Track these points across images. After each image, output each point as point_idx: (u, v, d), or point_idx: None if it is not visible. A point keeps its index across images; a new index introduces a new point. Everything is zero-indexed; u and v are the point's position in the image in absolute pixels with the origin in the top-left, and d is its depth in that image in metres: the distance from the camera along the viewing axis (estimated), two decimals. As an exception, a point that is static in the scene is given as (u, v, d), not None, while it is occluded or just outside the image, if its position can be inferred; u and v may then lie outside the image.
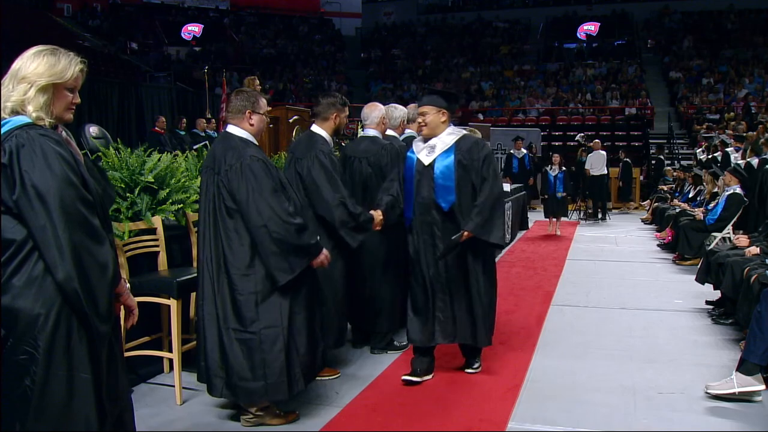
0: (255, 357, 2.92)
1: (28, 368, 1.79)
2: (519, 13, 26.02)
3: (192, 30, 25.03)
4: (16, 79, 1.91)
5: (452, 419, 3.20)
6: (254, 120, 3.07)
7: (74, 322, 1.85)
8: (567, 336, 4.65)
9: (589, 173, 12.11)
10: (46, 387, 1.80)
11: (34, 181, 1.79)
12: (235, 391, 2.97)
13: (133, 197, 3.86)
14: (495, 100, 20.89)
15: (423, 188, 3.63)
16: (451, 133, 3.70)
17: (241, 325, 2.92)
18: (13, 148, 1.81)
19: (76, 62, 1.98)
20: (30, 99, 1.90)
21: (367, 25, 27.83)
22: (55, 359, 1.81)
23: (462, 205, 3.60)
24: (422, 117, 3.66)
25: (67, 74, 1.96)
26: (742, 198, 7.04)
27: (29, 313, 1.80)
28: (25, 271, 1.81)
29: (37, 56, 1.94)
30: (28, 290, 1.80)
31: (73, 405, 1.84)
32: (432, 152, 3.65)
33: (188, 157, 4.87)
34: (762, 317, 3.41)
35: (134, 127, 14.43)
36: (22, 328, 1.79)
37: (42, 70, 1.92)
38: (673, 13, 23.61)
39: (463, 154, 3.61)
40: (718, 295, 5.12)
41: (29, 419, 1.79)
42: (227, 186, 2.91)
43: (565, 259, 7.92)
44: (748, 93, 18.16)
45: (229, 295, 2.93)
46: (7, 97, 1.90)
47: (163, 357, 3.73)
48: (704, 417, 3.27)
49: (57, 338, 1.82)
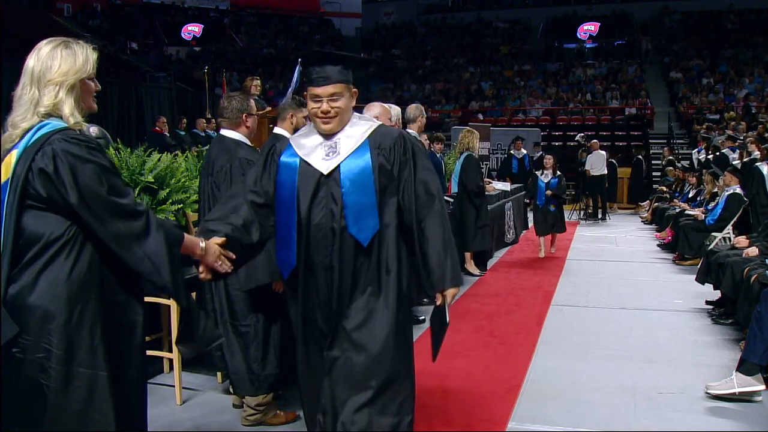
0: (249, 349, 3.01)
1: (45, 367, 1.77)
2: (519, 13, 25.99)
3: (192, 30, 25.01)
4: (41, 83, 1.87)
5: (452, 419, 3.20)
6: (250, 122, 3.21)
7: (96, 319, 1.83)
8: (567, 336, 4.65)
9: (589, 173, 12.11)
10: (66, 386, 1.79)
11: (82, 183, 1.78)
12: (231, 382, 3.09)
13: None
14: (495, 100, 20.87)
15: (318, 210, 2.24)
16: (358, 123, 2.35)
17: (235, 319, 3.03)
18: (57, 152, 1.78)
19: (90, 50, 1.96)
20: (63, 101, 1.87)
21: (367, 25, 27.82)
22: (73, 357, 1.79)
23: (386, 236, 2.25)
24: (330, 102, 2.24)
25: (88, 66, 1.94)
26: (742, 198, 7.04)
27: (48, 310, 1.78)
28: (50, 269, 1.79)
29: (54, 53, 1.89)
30: (49, 288, 1.79)
31: (93, 404, 1.82)
32: (334, 153, 2.28)
33: (188, 157, 4.87)
34: (762, 317, 3.41)
35: (134, 127, 14.40)
36: (40, 326, 1.77)
37: (66, 69, 1.88)
38: (673, 13, 23.59)
39: (384, 153, 2.29)
40: (718, 295, 5.12)
41: (47, 419, 1.77)
42: (218, 187, 3.02)
43: (565, 259, 7.92)
44: (748, 93, 18.16)
45: (224, 291, 3.04)
46: (37, 101, 1.85)
47: (163, 357, 3.73)
48: (704, 417, 3.27)
49: (76, 336, 1.80)
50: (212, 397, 3.46)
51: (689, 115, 18.24)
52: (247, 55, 24.72)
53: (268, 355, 3.02)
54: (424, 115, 5.67)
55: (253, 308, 3.00)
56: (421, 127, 5.65)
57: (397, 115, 4.82)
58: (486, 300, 5.75)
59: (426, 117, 5.76)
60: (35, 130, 1.84)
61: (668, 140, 17.56)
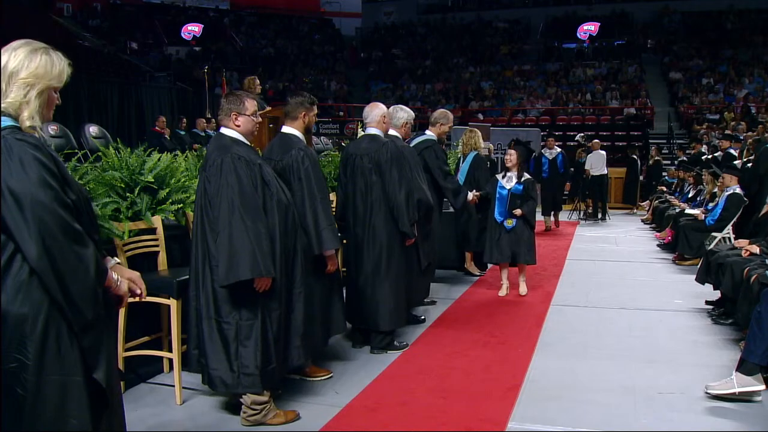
0: (230, 347, 2.99)
1: (19, 376, 1.75)
2: (519, 13, 26.00)
3: (192, 30, 25.03)
4: (12, 79, 1.84)
5: (452, 419, 3.20)
6: (240, 121, 3.16)
7: (64, 325, 1.81)
8: (567, 336, 4.65)
9: (589, 173, 12.11)
10: (39, 394, 1.77)
11: (12, 186, 1.74)
12: (212, 379, 3.04)
13: (133, 197, 3.86)
14: (495, 100, 20.89)
15: None
16: None
17: (219, 316, 3.01)
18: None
19: (67, 64, 1.95)
20: (28, 103, 1.85)
21: (367, 25, 27.83)
22: (46, 365, 1.77)
23: None
24: None
25: (62, 77, 1.93)
26: (742, 198, 7.04)
27: (17, 318, 1.75)
28: (10, 275, 1.77)
29: (33, 55, 1.87)
30: (14, 296, 1.76)
31: (67, 409, 1.81)
32: None
33: (188, 157, 4.87)
34: (762, 317, 3.41)
35: (134, 127, 14.40)
36: (11, 335, 1.75)
37: (41, 72, 1.87)
38: (673, 13, 23.61)
39: None
40: (718, 295, 5.12)
41: (23, 428, 1.76)
42: (209, 181, 3.01)
43: (565, 259, 7.92)
44: (748, 93, 18.17)
45: (210, 287, 3.02)
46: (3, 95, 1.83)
47: (163, 357, 3.73)
48: (704, 417, 3.27)
49: (47, 343, 1.78)
50: (212, 397, 3.46)
51: (689, 115, 18.26)
52: (247, 55, 24.74)
53: (251, 353, 2.98)
54: (448, 123, 5.66)
55: (235, 306, 2.99)
56: (442, 132, 5.65)
57: (406, 118, 4.80)
58: (486, 300, 5.74)
59: (450, 124, 5.70)
60: None
61: (668, 140, 17.58)
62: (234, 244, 2.89)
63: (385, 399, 3.46)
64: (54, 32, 18.75)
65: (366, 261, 4.17)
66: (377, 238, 4.15)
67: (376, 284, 4.17)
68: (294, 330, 3.24)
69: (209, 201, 3.01)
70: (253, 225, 2.93)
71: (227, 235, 2.91)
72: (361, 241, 4.19)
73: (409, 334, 4.63)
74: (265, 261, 2.92)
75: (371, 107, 4.38)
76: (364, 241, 4.18)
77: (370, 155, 4.18)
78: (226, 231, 2.91)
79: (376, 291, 4.17)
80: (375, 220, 4.16)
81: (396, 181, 4.13)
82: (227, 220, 2.92)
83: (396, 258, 4.20)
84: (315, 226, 3.48)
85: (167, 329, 3.68)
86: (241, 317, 2.99)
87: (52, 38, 10.49)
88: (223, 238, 2.92)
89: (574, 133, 15.71)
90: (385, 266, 4.17)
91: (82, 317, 1.82)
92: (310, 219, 3.46)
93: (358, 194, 4.20)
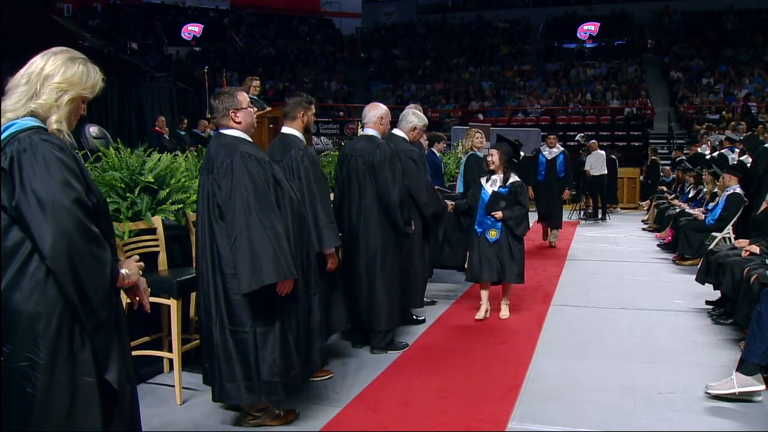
0: (249, 357, 2.90)
1: (29, 375, 1.76)
2: (519, 13, 25.99)
3: (192, 30, 25.01)
4: (46, 81, 1.86)
5: (452, 419, 3.20)
6: (240, 116, 3.03)
7: (76, 326, 1.82)
8: (567, 336, 4.65)
9: (589, 174, 12.11)
10: (49, 393, 1.78)
11: (34, 187, 1.76)
12: (227, 392, 2.95)
13: (133, 197, 3.86)
14: (495, 100, 20.88)
15: None
16: None
17: (235, 325, 2.90)
18: (14, 153, 1.78)
19: (101, 77, 1.99)
20: (59, 107, 1.87)
21: (367, 25, 27.82)
22: (57, 364, 1.78)
23: None
24: None
25: (95, 89, 1.97)
26: (742, 198, 7.03)
27: (31, 317, 1.77)
28: (26, 274, 1.78)
29: (71, 63, 1.91)
30: (29, 295, 1.78)
31: (77, 410, 1.81)
32: None
33: (188, 157, 4.87)
34: (762, 317, 3.41)
35: (134, 127, 14.39)
36: (23, 334, 1.77)
37: (76, 81, 1.90)
38: (673, 13, 23.60)
39: None
40: (718, 295, 5.12)
41: (32, 426, 1.77)
42: (219, 185, 2.88)
43: (565, 259, 7.91)
44: (748, 93, 18.16)
45: (223, 295, 2.91)
46: (32, 96, 1.85)
47: (163, 357, 3.73)
48: (704, 417, 3.27)
49: (59, 343, 1.79)
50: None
51: (689, 115, 18.25)
52: (247, 55, 24.72)
53: (271, 360, 2.90)
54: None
55: (253, 314, 2.88)
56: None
57: (416, 123, 4.76)
58: (486, 300, 5.73)
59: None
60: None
61: (668, 140, 17.58)
62: (255, 247, 2.74)
63: (385, 399, 3.46)
64: (54, 32, 18.75)
65: (361, 261, 4.17)
66: (372, 238, 4.15)
67: (371, 284, 4.18)
68: (314, 332, 3.19)
69: (219, 204, 2.86)
70: (272, 225, 2.79)
71: (246, 238, 2.75)
72: (356, 241, 4.19)
73: (409, 334, 4.63)
74: (287, 262, 2.79)
75: (370, 108, 4.37)
76: (359, 241, 4.18)
77: (365, 156, 4.18)
78: (244, 234, 2.76)
79: (372, 291, 4.17)
80: (369, 220, 4.16)
81: (389, 182, 4.12)
82: (244, 222, 2.77)
83: (390, 258, 4.20)
84: (315, 224, 3.47)
85: (167, 329, 3.68)
86: (259, 324, 2.88)
87: (52, 38, 10.46)
88: (241, 241, 2.76)
89: (574, 133, 15.70)
90: (380, 266, 4.17)
91: (96, 317, 1.84)
92: (310, 217, 3.45)
93: (353, 194, 4.21)
